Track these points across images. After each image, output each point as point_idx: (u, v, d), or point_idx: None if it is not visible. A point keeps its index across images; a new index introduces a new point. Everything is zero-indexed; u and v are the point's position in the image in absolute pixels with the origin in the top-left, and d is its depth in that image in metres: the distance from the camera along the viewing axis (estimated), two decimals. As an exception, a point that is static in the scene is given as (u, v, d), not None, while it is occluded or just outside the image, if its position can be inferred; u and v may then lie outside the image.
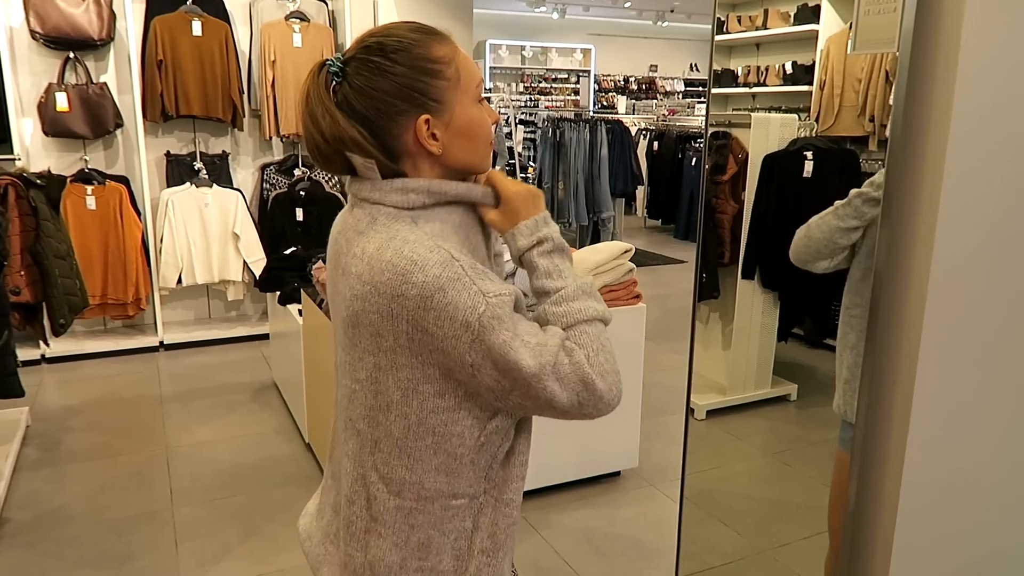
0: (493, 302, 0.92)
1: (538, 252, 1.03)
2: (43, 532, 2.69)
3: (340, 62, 0.99)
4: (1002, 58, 0.95)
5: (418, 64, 0.98)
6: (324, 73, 0.98)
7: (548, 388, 0.93)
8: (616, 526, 2.78)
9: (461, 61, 1.01)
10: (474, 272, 0.94)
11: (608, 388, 0.96)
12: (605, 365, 0.97)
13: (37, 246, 3.24)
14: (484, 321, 0.91)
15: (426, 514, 1.02)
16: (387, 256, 0.94)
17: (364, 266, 0.96)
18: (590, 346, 0.97)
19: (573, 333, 0.98)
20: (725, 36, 2.54)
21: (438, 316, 0.91)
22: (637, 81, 14.45)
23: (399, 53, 0.97)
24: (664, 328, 5.01)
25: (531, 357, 0.92)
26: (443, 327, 0.92)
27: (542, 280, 1.03)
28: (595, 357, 0.96)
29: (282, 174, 4.89)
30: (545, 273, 1.02)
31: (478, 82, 1.03)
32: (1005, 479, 1.23)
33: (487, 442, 1.02)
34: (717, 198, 2.75)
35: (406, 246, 0.94)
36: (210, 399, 3.91)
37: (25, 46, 4.29)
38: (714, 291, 2.84)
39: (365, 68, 0.97)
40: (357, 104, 0.97)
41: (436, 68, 0.98)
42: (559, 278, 1.02)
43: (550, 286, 1.02)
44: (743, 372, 2.48)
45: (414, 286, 0.91)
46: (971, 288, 1.06)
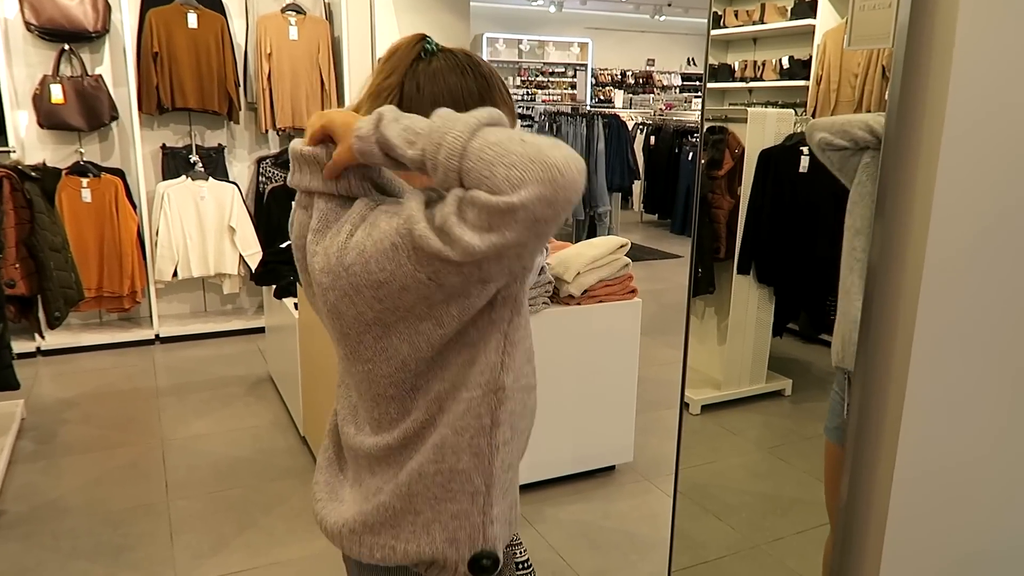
0: (401, 209, 0.86)
1: (384, 126, 0.88)
2: (39, 524, 2.69)
3: (438, 47, 1.06)
4: (996, 54, 0.96)
5: (486, 99, 1.04)
6: (420, 45, 1.05)
7: (485, 247, 0.81)
8: (610, 520, 2.79)
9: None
10: (384, 205, 0.92)
11: (537, 184, 0.78)
12: (511, 173, 0.78)
13: (32, 239, 3.23)
14: (402, 230, 0.85)
15: (451, 414, 0.99)
16: (335, 240, 0.95)
17: (322, 259, 0.97)
18: (481, 174, 0.80)
19: (464, 180, 0.82)
20: (722, 30, 2.54)
21: (377, 260, 0.88)
22: (634, 75, 14.43)
23: (483, 79, 1.05)
24: (660, 323, 5.02)
25: (444, 240, 0.82)
26: (384, 266, 0.88)
27: (407, 153, 0.86)
28: (493, 180, 0.79)
29: (278, 167, 4.88)
30: (405, 143, 0.86)
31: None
32: (997, 474, 1.23)
33: (496, 316, 0.97)
34: (713, 193, 2.75)
35: (345, 224, 0.95)
36: (206, 392, 3.91)
37: (20, 38, 4.27)
38: (710, 286, 2.85)
39: (451, 62, 1.04)
40: (422, 79, 1.03)
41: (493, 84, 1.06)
42: (416, 137, 0.86)
43: (415, 154, 0.86)
44: (738, 367, 2.49)
45: (351, 250, 0.91)
46: (964, 284, 1.07)
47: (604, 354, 2.97)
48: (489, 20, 12.88)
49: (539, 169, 0.78)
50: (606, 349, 2.97)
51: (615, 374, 3.01)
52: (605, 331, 2.94)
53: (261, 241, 4.68)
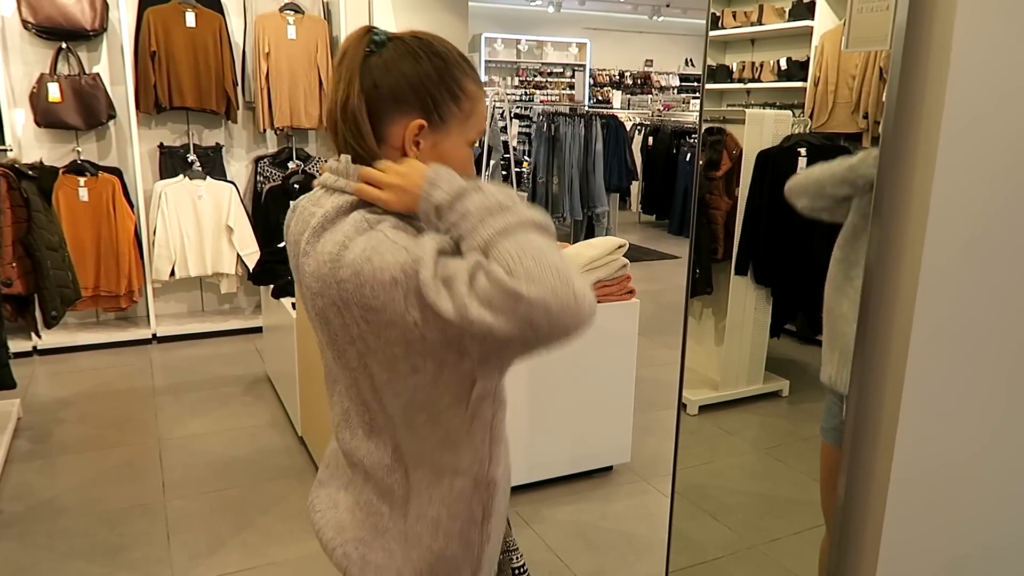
0: (413, 248, 0.87)
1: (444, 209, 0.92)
2: (35, 524, 2.68)
3: (385, 36, 1.02)
4: (994, 56, 0.96)
5: (446, 77, 1.01)
6: (367, 38, 1.02)
7: (476, 318, 0.81)
8: (608, 520, 2.79)
9: (480, 107, 1.05)
10: (396, 234, 0.91)
11: (550, 293, 0.79)
12: (534, 267, 0.80)
13: (29, 237, 3.22)
14: (408, 269, 0.86)
15: (439, 488, 1.02)
16: (327, 248, 0.95)
17: (313, 262, 0.97)
18: (508, 256, 0.82)
19: (491, 253, 0.85)
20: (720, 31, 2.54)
21: (372, 287, 0.89)
22: (632, 76, 14.44)
23: (438, 58, 1.01)
24: (657, 323, 5.02)
25: (445, 294, 0.83)
26: (379, 295, 0.88)
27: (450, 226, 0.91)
28: (517, 264, 0.81)
29: (276, 167, 4.88)
30: (452, 226, 0.90)
31: (480, 131, 1.06)
32: (992, 474, 1.24)
33: (477, 412, 1.00)
34: (711, 194, 2.75)
35: (339, 233, 0.95)
36: (203, 392, 3.91)
37: (17, 36, 4.26)
38: (707, 287, 2.85)
39: (402, 48, 1.01)
40: (376, 73, 1.00)
41: (458, 93, 1.02)
42: (464, 220, 0.89)
43: (456, 227, 0.90)
44: (735, 368, 2.49)
45: (347, 266, 0.91)
46: (961, 285, 1.07)
47: (602, 355, 2.97)
48: (487, 20, 12.88)
49: (560, 283, 0.80)
50: (604, 350, 2.97)
51: (613, 375, 3.02)
52: (603, 332, 2.94)
53: (259, 240, 4.68)
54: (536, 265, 0.81)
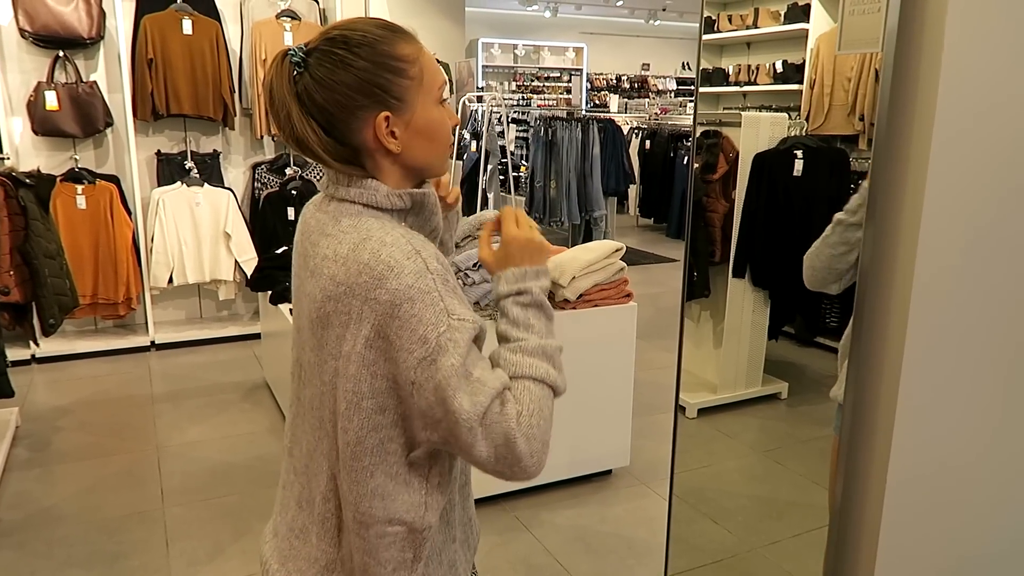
0: (455, 325, 0.90)
1: (514, 301, 1.01)
2: (33, 532, 2.68)
3: (303, 52, 0.98)
4: (985, 58, 0.96)
5: (381, 60, 0.97)
6: (286, 63, 0.98)
7: (472, 431, 0.90)
8: (607, 524, 2.78)
9: (425, 61, 1.01)
10: (445, 288, 0.93)
11: (530, 453, 0.92)
12: (534, 430, 0.93)
13: (26, 246, 3.22)
14: (441, 341, 0.89)
15: (360, 539, 0.99)
16: (364, 258, 0.93)
17: (339, 267, 0.95)
18: (527, 405, 0.93)
19: (516, 385, 0.95)
20: (716, 35, 2.55)
21: (401, 326, 0.90)
22: (629, 80, 14.47)
23: (363, 48, 0.96)
24: (656, 326, 5.02)
25: (466, 395, 0.89)
26: (402, 337, 0.90)
27: (508, 327, 1.01)
28: (527, 418, 0.93)
29: (273, 173, 4.88)
30: (514, 322, 1.00)
31: (441, 84, 1.02)
32: (989, 476, 1.24)
33: (415, 461, 0.99)
34: (708, 197, 2.76)
35: (383, 249, 0.93)
36: (201, 398, 3.90)
37: (14, 44, 4.26)
38: (705, 290, 2.85)
39: (327, 60, 0.96)
40: (317, 96, 0.96)
41: (399, 66, 0.98)
42: (525, 331, 1.00)
43: (513, 334, 1.00)
44: (734, 370, 2.49)
45: (387, 292, 0.90)
46: (955, 287, 1.07)
47: (600, 358, 2.97)
48: (484, 25, 12.91)
49: (541, 453, 0.95)
50: (602, 353, 2.97)
51: (611, 378, 3.01)
52: (601, 335, 2.94)
53: (256, 247, 4.68)
54: (538, 429, 0.94)
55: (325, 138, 0.98)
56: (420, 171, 1.04)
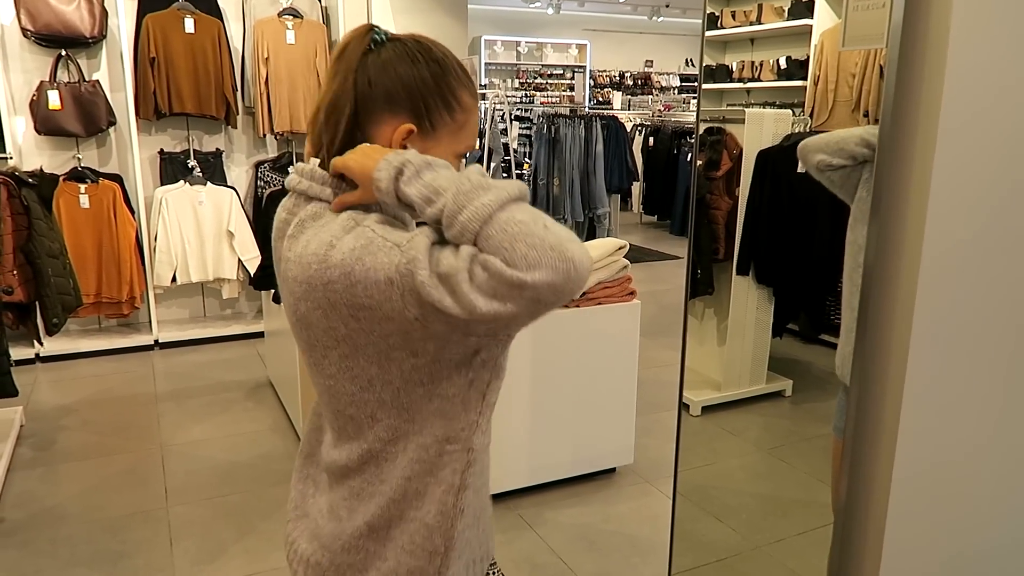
0: (406, 247, 0.86)
1: (404, 182, 0.89)
2: (37, 531, 2.68)
3: (386, 36, 1.02)
4: (990, 53, 0.95)
5: (442, 86, 1.00)
6: (368, 37, 1.01)
7: (486, 311, 0.82)
8: (611, 522, 2.78)
9: (473, 119, 1.04)
10: (384, 229, 0.90)
11: (552, 272, 0.81)
12: (530, 252, 0.81)
13: (30, 245, 3.22)
14: (403, 269, 0.85)
15: (423, 463, 1.00)
16: (311, 248, 0.94)
17: (296, 267, 0.96)
18: (501, 244, 0.82)
19: (480, 243, 0.84)
20: (719, 31, 2.53)
21: (365, 286, 0.88)
22: (632, 76, 14.44)
23: (436, 64, 1.00)
24: (660, 324, 5.01)
25: (447, 295, 0.83)
26: (372, 295, 0.88)
27: (426, 210, 0.89)
28: (512, 253, 0.81)
29: (276, 171, 4.88)
30: (423, 200, 0.88)
31: (470, 145, 1.05)
32: (994, 471, 1.23)
33: (476, 378, 0.99)
34: (712, 194, 2.75)
35: (324, 231, 0.93)
36: (205, 397, 3.91)
37: (16, 44, 4.26)
38: (709, 287, 2.84)
39: (401, 50, 1.00)
40: (371, 72, 0.99)
41: (452, 103, 1.01)
42: (436, 196, 0.87)
43: (433, 211, 0.88)
44: (738, 368, 2.48)
45: (335, 267, 0.90)
46: (960, 282, 1.06)
47: (603, 356, 2.96)
48: (487, 22, 12.90)
49: (557, 258, 0.81)
50: (605, 351, 2.96)
51: (615, 376, 3.01)
52: (604, 333, 2.94)
53: (260, 245, 4.68)
54: (530, 249, 0.81)
55: (352, 114, 1.00)
56: None
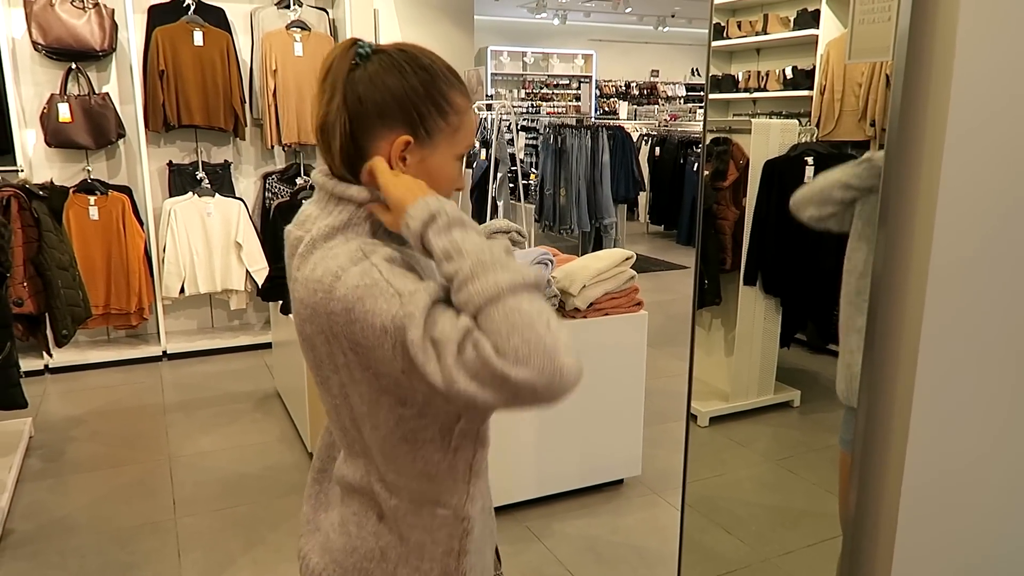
0: (407, 299, 0.86)
1: (433, 232, 0.89)
2: (47, 543, 2.69)
3: (371, 48, 1.01)
4: (997, 64, 0.95)
5: (432, 92, 0.99)
6: (352, 51, 1.00)
7: (463, 390, 0.82)
8: (618, 534, 2.77)
9: (468, 120, 1.03)
10: (391, 273, 0.89)
11: (539, 373, 0.80)
12: (522, 349, 0.80)
13: (39, 257, 3.24)
14: (398, 322, 0.85)
15: (418, 516, 1.02)
16: (317, 274, 0.93)
17: (303, 289, 0.96)
18: (497, 331, 0.81)
19: (480, 320, 0.84)
20: (725, 41, 2.54)
21: (362, 327, 0.88)
22: (639, 86, 14.47)
23: (423, 72, 0.99)
24: (667, 334, 5.00)
25: (432, 361, 0.83)
26: (368, 337, 0.88)
27: (442, 265, 0.89)
28: (505, 343, 0.80)
29: (284, 183, 4.90)
30: (443, 255, 0.88)
31: (468, 145, 1.04)
32: (1005, 479, 1.22)
33: (459, 446, 1.00)
34: (718, 204, 2.75)
35: (332, 261, 0.92)
36: (213, 408, 3.92)
37: (27, 57, 4.31)
38: (716, 297, 2.84)
39: (387, 62, 0.99)
40: (361, 88, 0.98)
41: (445, 107, 1.00)
42: (457, 256, 0.87)
43: (449, 269, 0.87)
44: (746, 378, 2.48)
45: (338, 300, 0.90)
46: (969, 291, 1.06)
47: (611, 367, 2.96)
48: (494, 33, 12.96)
49: (547, 362, 0.80)
50: (613, 362, 2.96)
51: (622, 387, 3.00)
52: (611, 344, 2.93)
53: (267, 256, 4.69)
54: (524, 344, 0.80)
55: (348, 135, 0.99)
56: None
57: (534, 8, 12.21)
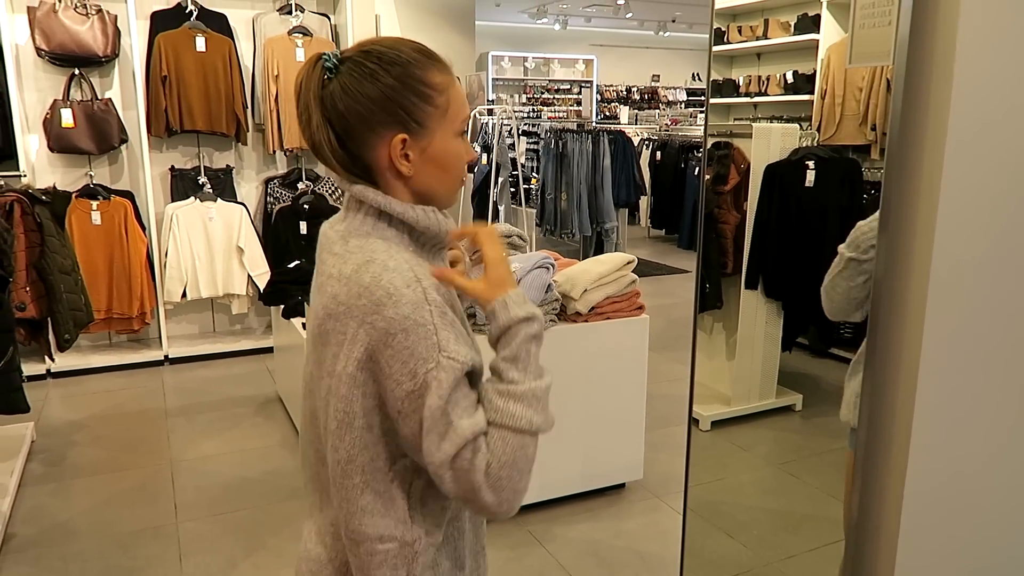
0: (443, 363, 0.90)
1: (522, 331, 0.95)
2: (48, 547, 2.69)
3: (336, 59, 0.98)
4: (998, 70, 0.96)
5: (410, 83, 0.97)
6: (319, 66, 0.98)
7: (439, 475, 0.92)
8: (621, 538, 2.76)
9: (454, 93, 1.01)
10: (442, 321, 0.92)
11: (497, 503, 0.92)
12: (504, 481, 0.91)
13: (42, 262, 3.25)
14: (428, 379, 0.90)
15: (354, 556, 1.01)
16: (365, 280, 0.93)
17: (341, 287, 0.96)
18: (500, 456, 0.91)
19: (494, 433, 0.92)
20: (726, 46, 2.54)
21: (393, 355, 0.91)
22: (639, 91, 14.49)
23: (394, 66, 0.97)
24: (668, 338, 5.00)
25: (437, 439, 0.90)
26: (393, 367, 0.91)
27: (505, 363, 0.95)
28: (498, 469, 0.91)
29: (286, 187, 4.91)
30: (513, 357, 0.95)
31: (464, 117, 1.03)
32: (1008, 485, 1.22)
33: (401, 476, 1.00)
34: (719, 208, 2.75)
35: (385, 274, 0.93)
36: (214, 413, 3.92)
37: (31, 63, 4.32)
38: (718, 301, 2.84)
39: (357, 70, 0.97)
40: (339, 103, 0.96)
41: (427, 92, 0.98)
42: (522, 372, 0.95)
43: (508, 374, 0.95)
44: (747, 382, 2.48)
45: (383, 319, 0.91)
46: (971, 297, 1.06)
47: (612, 371, 2.96)
48: (495, 39, 12.98)
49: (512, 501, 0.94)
50: (614, 366, 2.96)
51: (623, 391, 3.00)
52: (613, 348, 2.93)
53: (269, 261, 4.70)
54: (509, 481, 0.92)
55: (338, 148, 0.99)
56: (429, 198, 1.03)
57: (535, 13, 12.24)
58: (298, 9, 4.74)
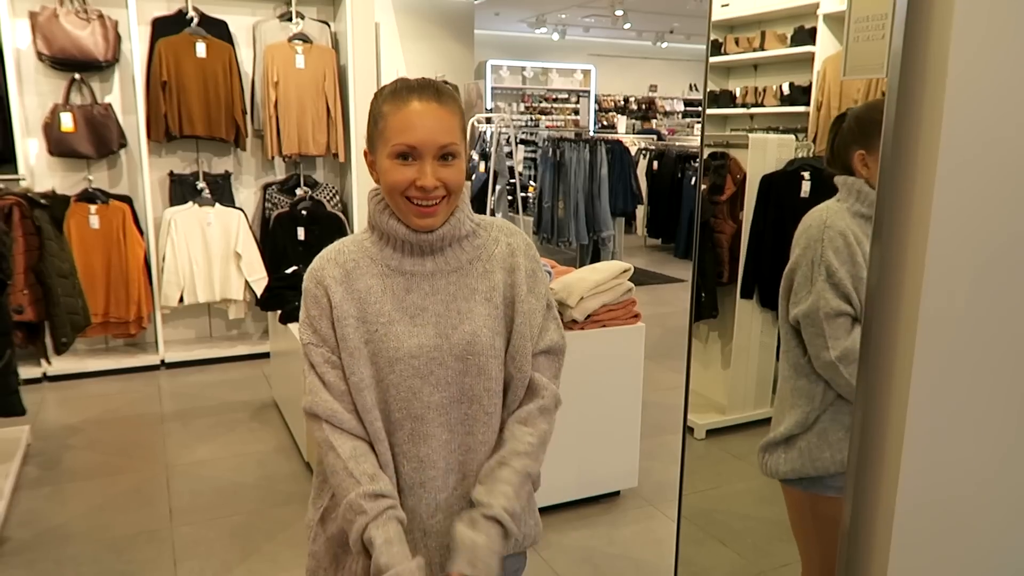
0: (304, 340, 1.23)
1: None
2: (43, 551, 2.68)
3: None
4: (989, 82, 0.97)
5: (372, 112, 1.22)
6: None
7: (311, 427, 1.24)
8: (615, 546, 2.77)
9: (393, 121, 1.17)
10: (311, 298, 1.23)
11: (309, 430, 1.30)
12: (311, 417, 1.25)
13: (40, 265, 3.26)
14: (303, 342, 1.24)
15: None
16: None
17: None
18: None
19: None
20: (723, 57, 2.56)
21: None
22: (637, 101, 14.54)
23: (372, 100, 1.23)
24: (664, 347, 5.01)
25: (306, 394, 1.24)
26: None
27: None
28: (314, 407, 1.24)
29: (284, 193, 4.92)
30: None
31: (396, 143, 1.17)
32: (999, 499, 1.23)
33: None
34: (716, 218, 2.77)
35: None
36: (210, 417, 3.91)
37: (31, 67, 4.33)
38: (713, 310, 2.85)
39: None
40: None
41: (374, 117, 1.21)
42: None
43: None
44: (742, 391, 2.48)
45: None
46: (964, 309, 1.07)
47: (608, 379, 2.96)
48: (493, 48, 13.03)
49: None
50: (610, 374, 2.96)
51: (619, 399, 3.01)
52: (609, 356, 2.94)
53: (267, 267, 4.71)
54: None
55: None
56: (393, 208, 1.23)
57: (534, 23, 12.29)
58: (298, 16, 4.76)
